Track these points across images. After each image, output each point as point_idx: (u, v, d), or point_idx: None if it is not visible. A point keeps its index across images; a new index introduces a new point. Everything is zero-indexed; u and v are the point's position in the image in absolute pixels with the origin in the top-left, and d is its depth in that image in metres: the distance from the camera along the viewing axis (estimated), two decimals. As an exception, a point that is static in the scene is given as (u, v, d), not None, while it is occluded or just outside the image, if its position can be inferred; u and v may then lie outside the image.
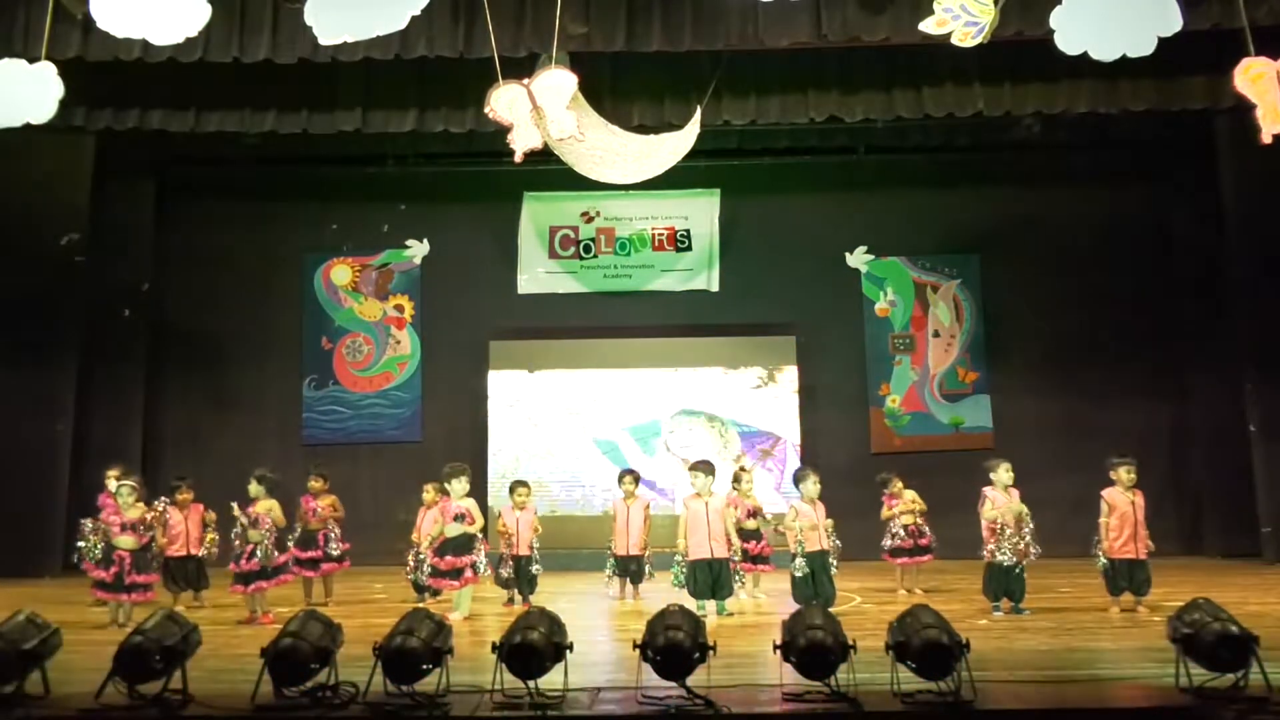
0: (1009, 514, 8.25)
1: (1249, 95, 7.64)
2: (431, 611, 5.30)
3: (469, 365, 13.78)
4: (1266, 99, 7.55)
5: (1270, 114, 7.54)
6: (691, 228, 14.13)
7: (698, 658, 4.81)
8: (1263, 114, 7.60)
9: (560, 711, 4.76)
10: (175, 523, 9.22)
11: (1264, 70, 7.59)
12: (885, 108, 10.92)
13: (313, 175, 14.03)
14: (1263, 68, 7.61)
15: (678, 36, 9.69)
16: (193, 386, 13.75)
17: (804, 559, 8.24)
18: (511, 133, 8.08)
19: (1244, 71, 7.67)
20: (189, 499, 9.42)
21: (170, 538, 9.14)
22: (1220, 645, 4.83)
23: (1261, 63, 7.64)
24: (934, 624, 4.89)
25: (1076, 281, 13.60)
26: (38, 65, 8.02)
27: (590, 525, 12.65)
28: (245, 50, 9.65)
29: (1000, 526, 8.26)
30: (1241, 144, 8.60)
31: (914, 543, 9.76)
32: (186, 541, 9.27)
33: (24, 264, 12.31)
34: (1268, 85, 7.56)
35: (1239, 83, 7.69)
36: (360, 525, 10.66)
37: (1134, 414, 13.03)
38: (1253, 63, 7.67)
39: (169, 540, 9.12)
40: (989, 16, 8.01)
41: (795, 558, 8.27)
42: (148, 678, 4.92)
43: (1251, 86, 7.61)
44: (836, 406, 13.79)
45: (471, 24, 9.24)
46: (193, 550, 9.31)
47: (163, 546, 9.01)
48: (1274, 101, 7.55)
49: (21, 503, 11.71)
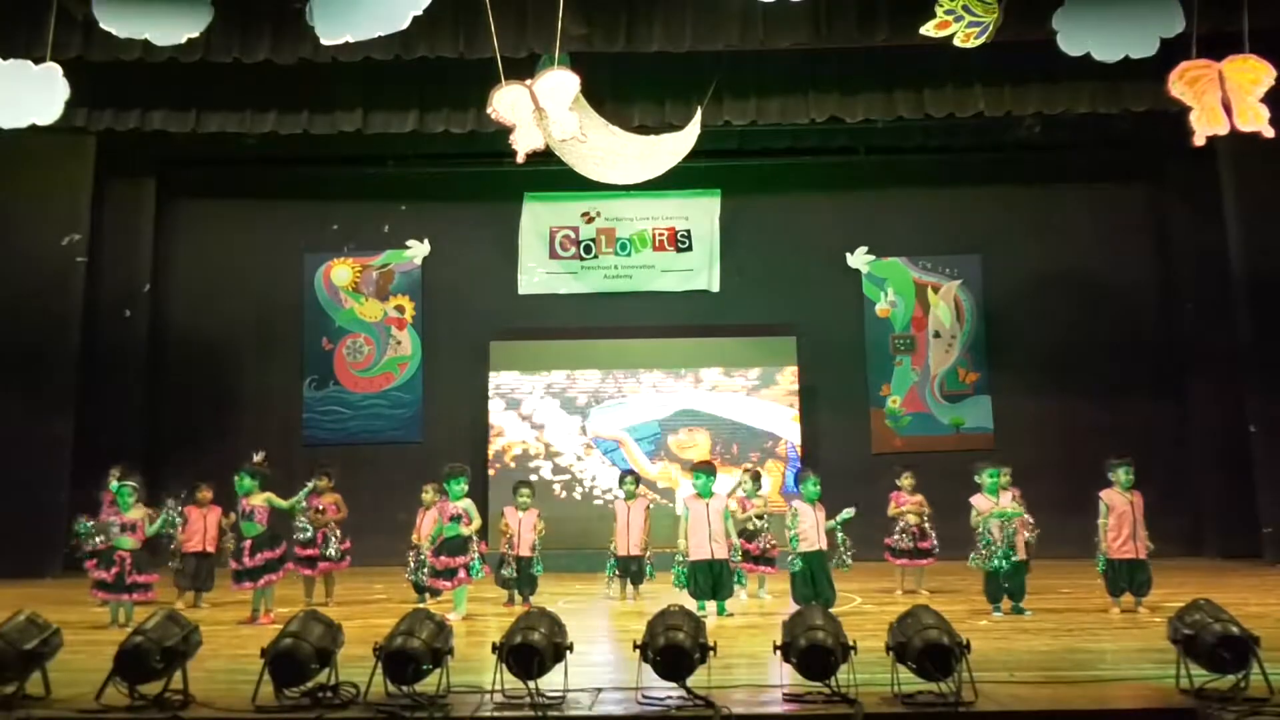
0: (992, 521, 8.25)
1: (1184, 99, 7.76)
2: (432, 612, 5.29)
3: (469, 366, 13.79)
4: (1204, 101, 7.65)
5: (1207, 116, 7.65)
6: (692, 228, 14.15)
7: (698, 658, 4.81)
8: (1197, 116, 7.72)
9: (561, 712, 4.75)
10: (194, 520, 9.36)
11: (1201, 73, 7.69)
12: (886, 108, 10.93)
13: (313, 176, 14.05)
14: (1200, 71, 7.70)
15: (678, 37, 9.70)
16: (193, 387, 13.76)
17: (799, 557, 8.24)
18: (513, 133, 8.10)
19: (1180, 75, 7.77)
20: (208, 498, 9.55)
21: (187, 534, 9.26)
22: (1221, 646, 4.82)
23: (1200, 65, 7.73)
24: (934, 625, 4.89)
25: (1076, 281, 13.60)
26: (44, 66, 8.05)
27: (590, 526, 12.64)
28: (246, 51, 9.67)
29: (983, 533, 8.28)
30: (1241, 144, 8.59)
31: (914, 545, 9.76)
32: (203, 539, 9.37)
33: (25, 264, 12.32)
34: (1205, 87, 7.66)
35: (1174, 87, 7.80)
36: (361, 526, 10.64)
37: (1134, 414, 13.03)
38: (1190, 65, 7.78)
39: (186, 536, 9.23)
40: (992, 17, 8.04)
41: (791, 556, 8.27)
42: (148, 678, 4.91)
43: (1188, 90, 7.72)
44: (837, 407, 13.79)
45: (473, 25, 9.26)
46: (209, 548, 9.40)
47: (180, 543, 9.18)
48: (1213, 104, 7.65)
49: (21, 503, 11.71)
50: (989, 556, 8.20)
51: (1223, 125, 7.97)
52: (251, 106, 10.91)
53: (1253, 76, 7.96)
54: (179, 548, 9.23)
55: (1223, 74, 7.91)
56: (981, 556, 8.25)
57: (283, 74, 10.12)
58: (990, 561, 8.18)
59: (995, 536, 8.18)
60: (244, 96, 10.84)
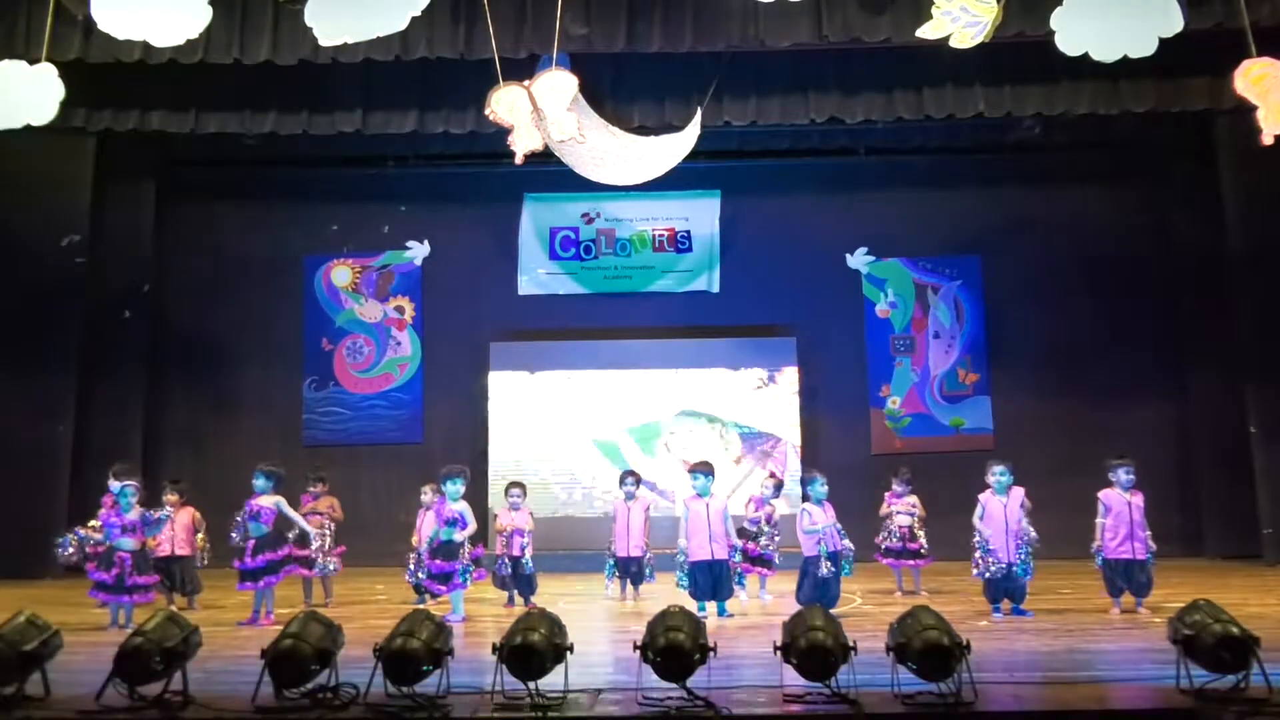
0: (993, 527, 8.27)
1: (1250, 97, 7.64)
2: (432, 613, 5.29)
3: (469, 366, 13.78)
4: (1269, 100, 7.55)
5: (1273, 115, 7.53)
6: (692, 229, 14.14)
7: (698, 659, 4.81)
8: (1264, 115, 7.59)
9: (561, 713, 4.76)
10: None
11: (1265, 71, 7.58)
12: (886, 109, 10.92)
13: (313, 176, 14.05)
14: (1264, 69, 7.60)
15: (678, 37, 9.70)
16: (193, 388, 13.75)
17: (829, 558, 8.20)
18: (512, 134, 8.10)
19: (1245, 73, 7.65)
20: (176, 500, 9.42)
21: (156, 539, 9.12)
22: (1221, 647, 4.82)
23: (1263, 64, 7.63)
24: (934, 625, 4.89)
25: (1076, 282, 13.61)
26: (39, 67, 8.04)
27: (590, 526, 12.64)
28: (245, 52, 9.67)
29: (982, 540, 8.29)
30: (1241, 144, 8.60)
31: (904, 545, 9.75)
32: (172, 543, 9.27)
33: (25, 265, 12.32)
34: (1269, 86, 7.56)
35: (1239, 84, 7.67)
36: (361, 527, 10.67)
37: (1134, 415, 13.04)
38: (1254, 64, 7.67)
39: (155, 541, 9.10)
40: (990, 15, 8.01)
41: (822, 559, 8.21)
42: (148, 679, 4.91)
43: (1253, 88, 7.61)
44: (837, 408, 13.79)
45: (472, 25, 9.26)
46: (178, 551, 9.30)
47: (152, 548, 8.99)
48: (1276, 102, 7.55)
49: (21, 503, 11.70)
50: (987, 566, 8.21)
51: None
52: (251, 107, 10.90)
53: None
54: (151, 553, 8.93)
55: None
56: (982, 565, 8.26)
57: (282, 74, 10.11)
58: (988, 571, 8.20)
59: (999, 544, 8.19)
60: (244, 97, 10.83)
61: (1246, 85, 7.66)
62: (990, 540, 8.23)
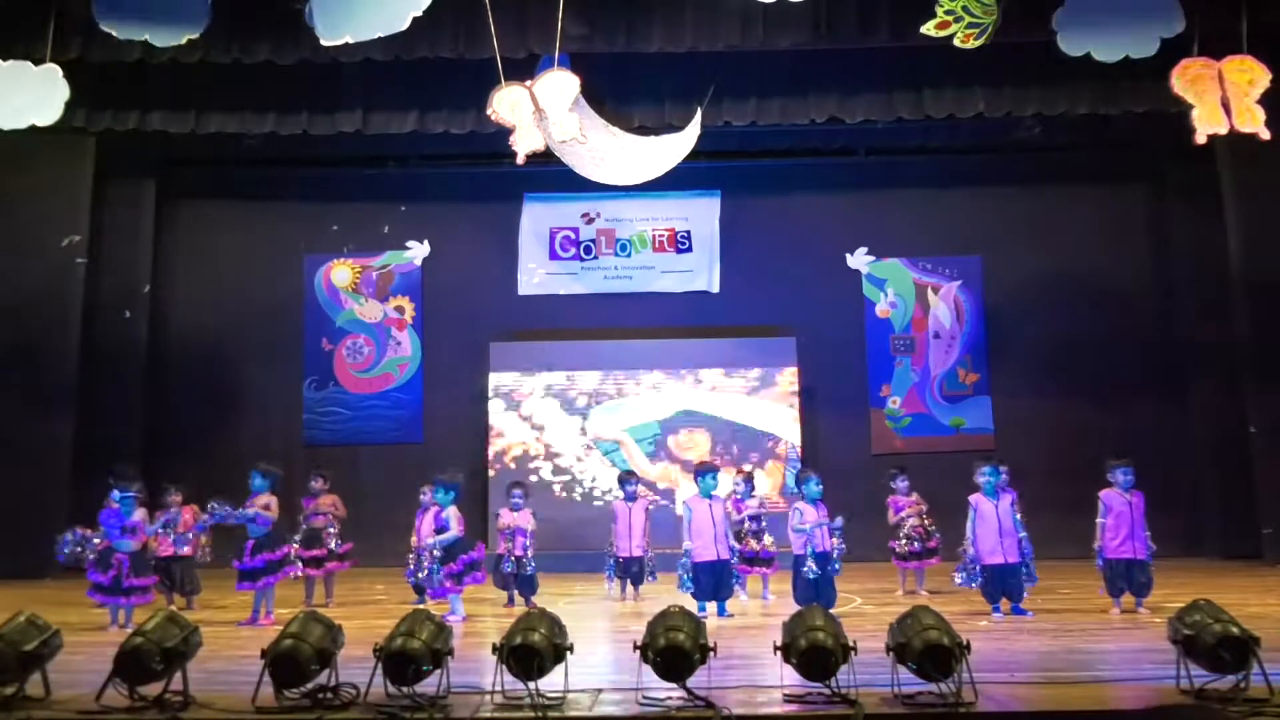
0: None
1: (1186, 97, 7.72)
2: (432, 613, 5.29)
3: (469, 366, 13.78)
4: (1205, 100, 7.62)
5: (1209, 115, 7.62)
6: (692, 229, 14.14)
7: (698, 659, 4.81)
8: (1199, 115, 7.68)
9: (561, 713, 4.75)
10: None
11: (1203, 71, 7.66)
12: (886, 109, 10.93)
13: (313, 176, 14.05)
14: (1201, 69, 7.67)
15: (678, 37, 9.70)
16: (193, 387, 13.75)
17: (815, 559, 8.20)
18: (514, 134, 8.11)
19: (1182, 73, 7.73)
20: (178, 501, 9.44)
21: (158, 539, 9.14)
22: (1221, 647, 4.82)
23: (1200, 64, 7.71)
24: (934, 625, 4.89)
25: (1076, 282, 13.60)
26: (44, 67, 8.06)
27: (590, 526, 12.63)
28: (246, 52, 9.68)
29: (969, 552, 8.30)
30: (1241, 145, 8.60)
31: (923, 546, 9.76)
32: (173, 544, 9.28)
33: (25, 265, 12.32)
34: (1206, 86, 7.63)
35: (1176, 84, 7.76)
36: (361, 527, 10.65)
37: (1134, 415, 13.04)
38: (1191, 64, 7.75)
39: (156, 542, 9.11)
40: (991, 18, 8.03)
41: (806, 560, 8.22)
42: (148, 679, 4.91)
43: (1190, 88, 7.69)
44: (837, 408, 13.79)
45: (473, 25, 9.25)
46: (179, 552, 9.30)
47: (154, 548, 9.03)
48: (1213, 102, 7.62)
49: (21, 503, 11.71)
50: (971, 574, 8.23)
51: (1223, 124, 7.97)
52: (251, 107, 10.91)
53: (1250, 78, 7.98)
54: (153, 553, 8.98)
55: (1222, 73, 7.92)
56: (965, 575, 8.29)
57: (283, 74, 10.11)
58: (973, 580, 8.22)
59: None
60: (244, 97, 10.84)
61: (1184, 85, 7.75)
62: (980, 541, 8.22)
